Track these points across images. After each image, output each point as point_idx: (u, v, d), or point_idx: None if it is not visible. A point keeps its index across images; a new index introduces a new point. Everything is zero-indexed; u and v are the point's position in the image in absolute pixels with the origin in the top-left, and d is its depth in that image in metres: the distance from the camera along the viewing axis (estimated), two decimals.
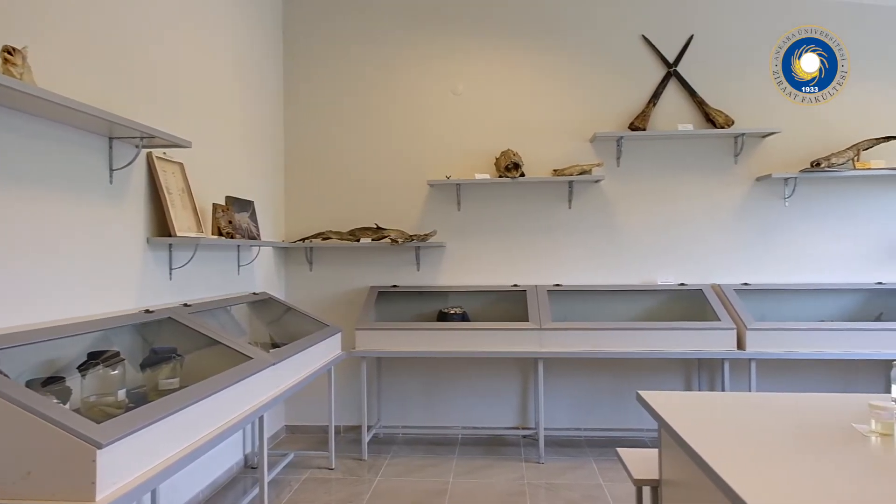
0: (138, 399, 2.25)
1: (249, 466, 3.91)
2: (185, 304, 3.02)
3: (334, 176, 4.62)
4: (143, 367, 2.51)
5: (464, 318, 4.25)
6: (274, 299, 4.06)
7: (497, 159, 4.37)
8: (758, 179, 4.35)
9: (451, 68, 4.55)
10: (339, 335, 3.97)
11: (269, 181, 4.37)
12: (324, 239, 4.46)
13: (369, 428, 4.27)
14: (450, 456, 4.10)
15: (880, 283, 4.24)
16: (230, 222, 3.38)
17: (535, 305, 4.13)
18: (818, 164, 4.10)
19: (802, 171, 4.16)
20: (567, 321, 4.13)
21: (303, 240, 4.48)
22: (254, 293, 3.93)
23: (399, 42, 4.57)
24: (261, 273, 4.18)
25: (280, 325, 3.96)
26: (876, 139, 4.14)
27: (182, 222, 2.96)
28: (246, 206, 3.74)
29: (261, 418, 2.73)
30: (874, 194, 4.31)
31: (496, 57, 4.53)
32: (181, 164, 3.09)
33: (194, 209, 3.11)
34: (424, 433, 4.51)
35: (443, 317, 4.23)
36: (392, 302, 4.53)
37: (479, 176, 4.36)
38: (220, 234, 3.28)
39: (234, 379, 2.40)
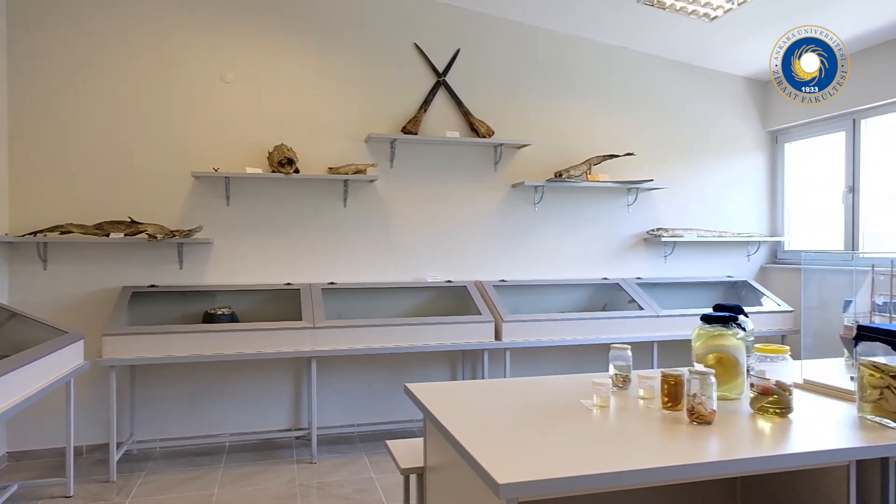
0: None
1: None
2: None
3: (78, 162, 4.03)
4: None
5: (233, 318, 4.02)
6: None
7: (270, 154, 4.22)
8: (513, 186, 4.85)
9: (220, 54, 4.27)
10: (80, 343, 3.48)
11: None
12: (63, 233, 3.87)
13: (120, 445, 3.82)
14: (216, 465, 3.85)
15: (605, 278, 5.02)
16: None
17: (309, 304, 4.08)
18: (560, 175, 4.71)
19: (548, 180, 4.75)
20: (342, 319, 4.15)
21: (34, 233, 3.84)
22: None
23: (160, 15, 4.15)
24: None
25: (1, 335, 3.33)
26: (603, 156, 4.89)
27: None
28: None
29: None
30: (601, 203, 5.08)
31: (271, 48, 4.37)
32: None
33: None
34: (187, 444, 4.18)
35: (209, 318, 3.96)
36: (150, 304, 4.10)
37: (250, 170, 4.16)
38: None
39: None
